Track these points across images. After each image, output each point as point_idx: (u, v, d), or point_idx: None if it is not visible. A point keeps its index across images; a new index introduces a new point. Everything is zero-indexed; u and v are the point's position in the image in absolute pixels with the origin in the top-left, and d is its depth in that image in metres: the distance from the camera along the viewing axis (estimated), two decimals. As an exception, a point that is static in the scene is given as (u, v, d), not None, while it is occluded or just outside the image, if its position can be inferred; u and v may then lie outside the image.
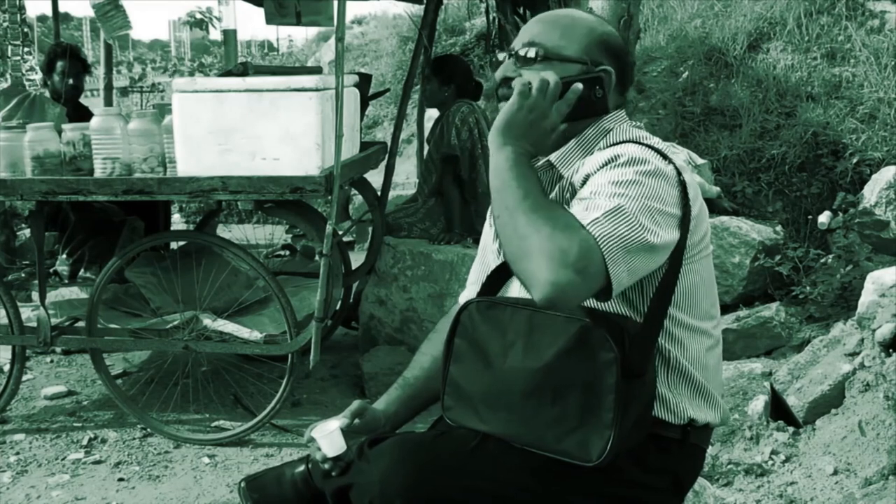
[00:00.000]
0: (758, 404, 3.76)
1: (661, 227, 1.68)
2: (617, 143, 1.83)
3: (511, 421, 1.74)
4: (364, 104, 4.82)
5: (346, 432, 1.89)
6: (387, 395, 2.11)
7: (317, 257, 4.14)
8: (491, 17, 6.94)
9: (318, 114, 3.55)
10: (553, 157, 1.90)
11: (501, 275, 1.97)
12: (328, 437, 1.86)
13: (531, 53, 1.88)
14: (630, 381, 1.67)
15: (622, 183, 1.68)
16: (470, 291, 2.14)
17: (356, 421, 1.97)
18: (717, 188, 5.65)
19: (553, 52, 1.87)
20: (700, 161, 5.69)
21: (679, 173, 1.76)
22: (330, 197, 3.61)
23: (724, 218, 5.22)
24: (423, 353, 2.17)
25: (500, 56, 1.97)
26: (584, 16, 1.97)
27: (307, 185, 3.55)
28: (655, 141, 1.88)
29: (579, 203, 1.70)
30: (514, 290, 1.94)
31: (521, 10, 6.09)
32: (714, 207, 5.42)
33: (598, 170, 1.75)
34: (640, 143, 1.81)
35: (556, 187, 1.88)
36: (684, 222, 1.74)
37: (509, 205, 1.69)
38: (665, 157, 1.78)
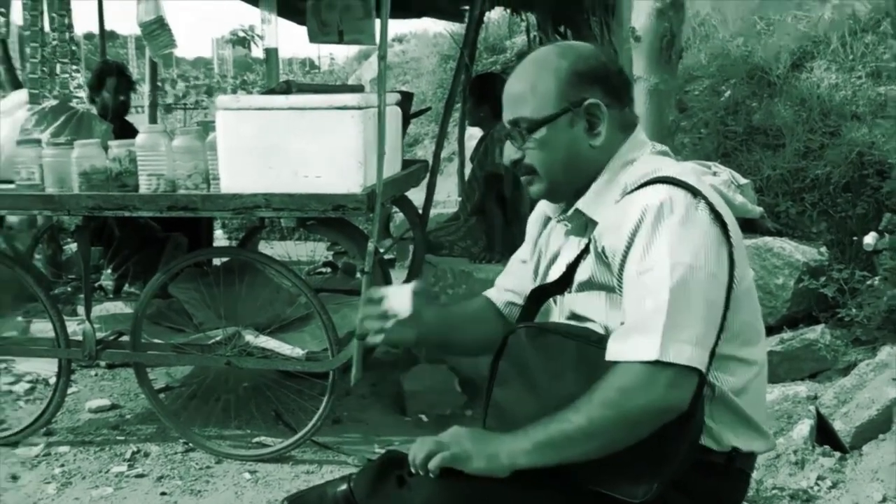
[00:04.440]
0: (803, 428, 3.71)
1: (710, 291, 1.68)
2: (641, 186, 1.79)
3: None
4: (406, 122, 4.84)
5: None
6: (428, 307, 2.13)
7: (358, 275, 4.14)
8: (531, 36, 6.94)
9: (360, 132, 3.56)
10: (580, 204, 1.89)
11: (539, 298, 1.98)
12: (400, 290, 1.87)
13: (519, 133, 1.89)
14: (681, 421, 1.67)
15: (659, 264, 1.67)
16: (499, 294, 2.21)
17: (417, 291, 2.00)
18: (760, 208, 5.54)
19: (536, 119, 1.86)
20: (743, 181, 5.60)
21: (711, 207, 1.73)
22: (371, 214, 3.63)
23: (768, 239, 5.15)
24: (460, 306, 2.27)
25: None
26: (546, 57, 1.90)
27: (349, 203, 3.57)
28: (682, 168, 1.85)
29: (628, 301, 1.71)
30: (555, 315, 1.95)
31: (562, 29, 6.10)
32: (757, 228, 5.34)
33: (629, 240, 1.72)
34: (665, 182, 1.76)
35: (587, 237, 1.87)
36: (729, 263, 1.73)
37: (573, 452, 1.68)
38: (695, 192, 1.74)
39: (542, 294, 1.97)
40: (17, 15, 4.91)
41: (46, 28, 4.65)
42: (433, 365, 4.72)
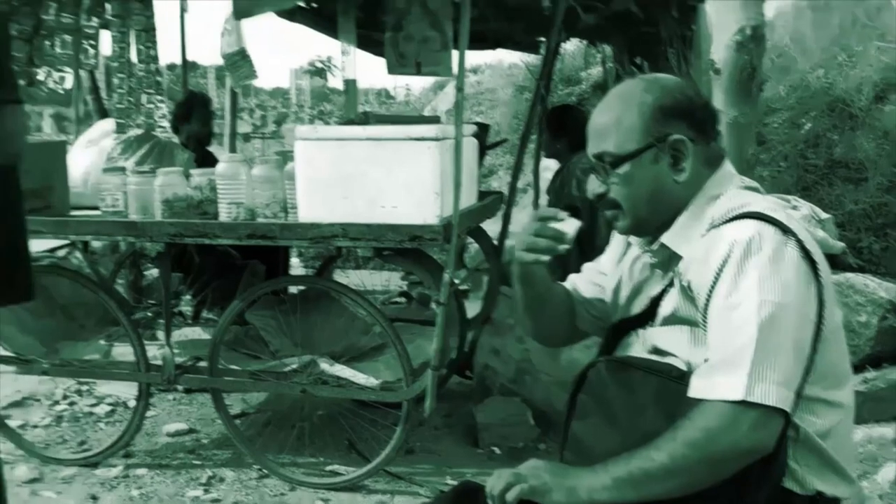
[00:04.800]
0: (888, 472, 3.60)
1: (798, 330, 1.66)
2: (728, 221, 1.76)
3: None
4: (482, 153, 4.85)
5: None
6: None
7: (433, 305, 4.15)
8: (607, 67, 6.93)
9: (437, 163, 3.58)
10: (665, 238, 1.87)
11: (621, 330, 1.96)
12: (570, 222, 1.89)
13: (603, 167, 1.88)
14: (765, 463, 1.64)
15: (747, 301, 1.64)
16: (577, 284, 2.22)
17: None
18: (842, 244, 5.42)
19: (620, 155, 1.85)
20: (824, 215, 5.50)
21: (801, 245, 1.70)
22: (447, 245, 3.63)
23: (850, 275, 5.04)
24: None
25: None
26: (631, 91, 1.89)
27: (425, 234, 3.58)
28: (770, 203, 1.82)
29: (713, 337, 1.69)
30: (637, 348, 1.92)
31: (639, 61, 6.08)
32: (838, 264, 5.23)
33: (715, 275, 1.70)
34: (754, 217, 1.73)
35: (672, 270, 1.86)
36: (818, 303, 1.70)
37: (654, 490, 1.66)
38: (785, 228, 1.71)
39: (624, 327, 1.95)
40: (105, 47, 5.05)
41: (133, 59, 4.77)
42: (506, 397, 4.69)
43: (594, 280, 2.19)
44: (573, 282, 2.24)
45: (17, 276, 2.68)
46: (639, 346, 1.92)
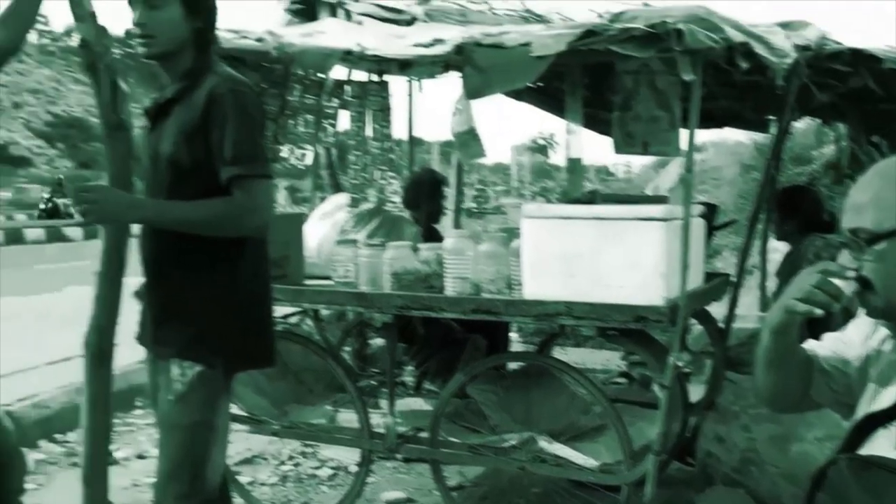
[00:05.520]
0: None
1: None
2: None
3: None
4: (709, 234, 4.75)
5: None
6: None
7: (655, 387, 4.06)
8: (841, 146, 6.65)
9: (664, 243, 3.54)
10: None
11: (868, 426, 1.85)
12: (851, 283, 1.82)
13: (857, 244, 1.82)
14: None
15: None
16: (818, 352, 2.08)
17: None
18: None
19: (877, 232, 1.78)
20: None
21: None
22: (673, 327, 3.56)
23: None
24: None
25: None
26: (891, 169, 1.83)
27: (651, 315, 3.53)
28: None
29: None
30: (884, 445, 1.81)
31: (876, 139, 5.80)
32: None
33: None
34: None
35: None
36: None
37: None
38: None
39: (872, 422, 1.83)
40: (342, 125, 5.32)
41: (368, 136, 5.01)
42: (729, 488, 4.49)
43: (837, 351, 2.07)
44: (812, 349, 2.12)
45: (261, 342, 2.84)
46: (887, 443, 1.80)
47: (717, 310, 4.86)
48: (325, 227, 4.87)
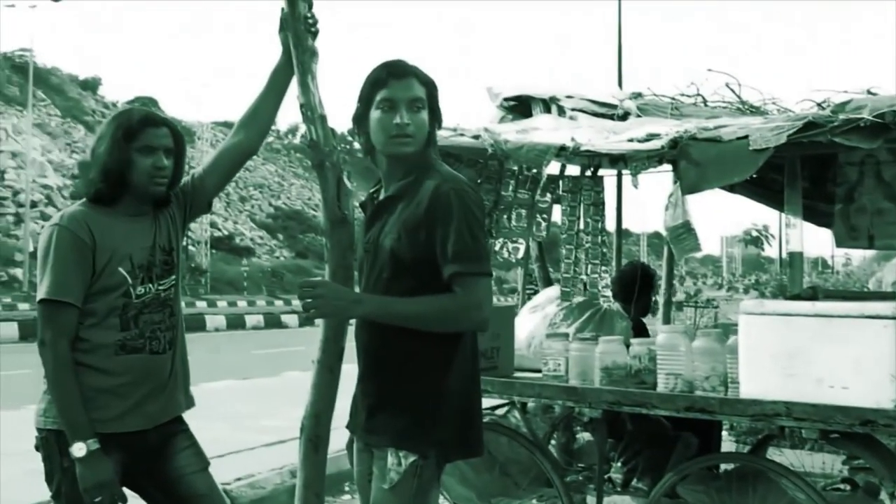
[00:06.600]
0: None
1: None
2: None
3: None
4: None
5: None
6: None
7: (883, 496, 3.81)
8: None
9: (893, 343, 3.35)
10: None
11: None
12: None
13: None
14: None
15: None
16: None
17: None
18: None
19: None
20: None
21: None
22: (903, 433, 3.35)
23: None
24: None
25: None
26: None
27: (879, 419, 3.34)
28: None
29: None
30: None
31: None
32: None
33: None
34: None
35: None
36: None
37: None
38: None
39: None
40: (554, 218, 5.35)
41: (581, 230, 5.02)
42: None
43: None
44: None
45: (472, 432, 2.86)
46: None
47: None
48: (535, 319, 4.89)
